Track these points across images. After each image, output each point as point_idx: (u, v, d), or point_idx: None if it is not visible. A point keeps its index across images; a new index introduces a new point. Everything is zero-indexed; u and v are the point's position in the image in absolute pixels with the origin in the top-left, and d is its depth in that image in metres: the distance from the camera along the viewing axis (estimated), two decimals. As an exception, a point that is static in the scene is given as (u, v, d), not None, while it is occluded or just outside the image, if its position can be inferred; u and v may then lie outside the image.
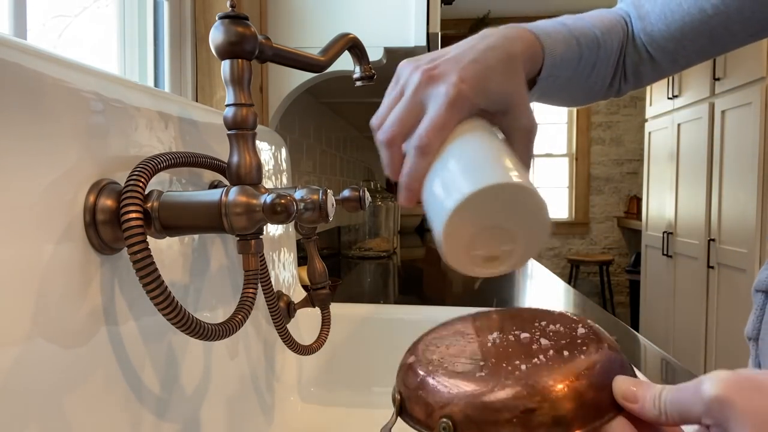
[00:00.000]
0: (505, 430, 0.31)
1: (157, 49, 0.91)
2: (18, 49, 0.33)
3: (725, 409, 0.27)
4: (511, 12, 4.60)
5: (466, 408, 0.32)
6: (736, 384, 0.28)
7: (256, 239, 0.43)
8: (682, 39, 0.60)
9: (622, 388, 0.32)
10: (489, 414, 0.31)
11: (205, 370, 0.55)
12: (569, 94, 0.62)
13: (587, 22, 0.61)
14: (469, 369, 0.34)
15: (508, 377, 0.32)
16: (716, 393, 0.28)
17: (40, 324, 0.32)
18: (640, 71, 0.64)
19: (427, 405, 0.34)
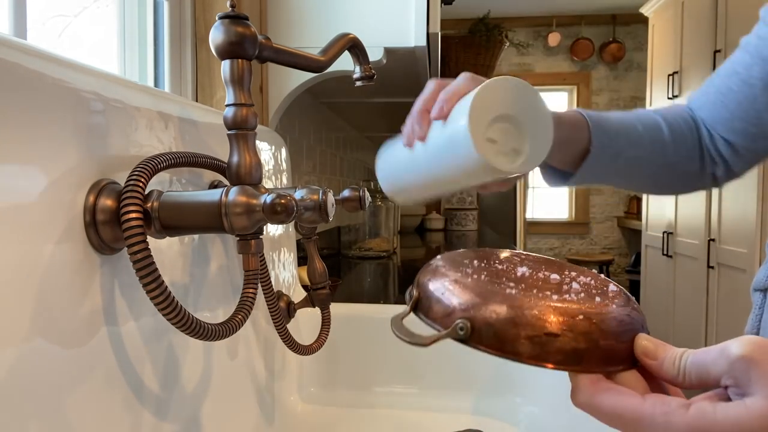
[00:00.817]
0: (521, 347, 0.31)
1: (157, 49, 0.91)
2: (18, 49, 0.33)
3: (750, 368, 0.28)
4: (511, 12, 4.60)
5: (490, 315, 0.31)
6: (762, 347, 0.28)
7: (256, 239, 0.43)
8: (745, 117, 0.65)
9: (644, 344, 0.32)
10: (512, 327, 0.31)
11: (205, 370, 0.55)
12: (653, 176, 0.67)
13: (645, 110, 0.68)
14: (498, 284, 0.34)
15: (539, 300, 0.32)
16: (743, 352, 0.28)
17: (40, 324, 0.32)
18: (723, 154, 0.68)
19: (446, 305, 0.33)
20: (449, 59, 3.29)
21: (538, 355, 0.31)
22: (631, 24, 4.68)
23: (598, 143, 0.60)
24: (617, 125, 0.63)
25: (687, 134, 0.67)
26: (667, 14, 3.33)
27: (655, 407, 0.29)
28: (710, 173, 0.68)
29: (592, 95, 4.87)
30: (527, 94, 0.46)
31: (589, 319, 0.31)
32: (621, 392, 0.31)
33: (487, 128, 0.44)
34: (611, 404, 0.31)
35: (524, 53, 4.85)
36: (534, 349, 0.31)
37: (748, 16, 2.46)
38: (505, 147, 0.45)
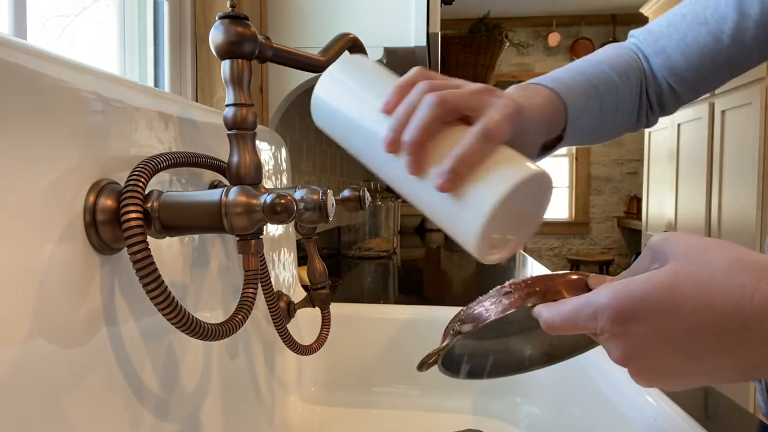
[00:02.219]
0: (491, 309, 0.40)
1: (157, 49, 0.91)
2: (18, 49, 0.33)
3: (665, 245, 0.33)
4: (511, 12, 4.60)
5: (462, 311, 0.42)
6: (674, 233, 0.34)
7: (256, 239, 0.43)
8: (702, 69, 0.62)
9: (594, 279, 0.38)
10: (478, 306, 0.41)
11: (205, 370, 0.55)
12: (596, 136, 0.65)
13: (603, 66, 0.63)
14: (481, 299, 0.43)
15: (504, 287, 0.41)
16: (659, 237, 0.34)
17: (40, 324, 0.32)
18: (664, 102, 0.66)
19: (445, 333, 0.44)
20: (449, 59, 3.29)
21: (504, 308, 0.40)
22: (631, 24, 4.68)
23: (570, 127, 0.58)
24: (585, 99, 0.59)
25: (633, 92, 0.64)
26: (667, 14, 3.32)
27: (588, 294, 0.35)
28: (644, 122, 0.67)
29: (592, 95, 4.86)
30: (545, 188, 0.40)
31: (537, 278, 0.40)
32: (562, 301, 0.37)
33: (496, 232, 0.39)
34: (561, 311, 0.36)
35: (524, 53, 4.85)
36: (499, 306, 0.40)
37: (748, 16, 2.45)
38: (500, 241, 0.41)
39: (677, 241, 0.33)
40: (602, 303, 0.33)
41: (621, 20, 4.71)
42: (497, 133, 0.39)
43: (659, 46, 0.64)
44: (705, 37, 0.61)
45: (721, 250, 0.31)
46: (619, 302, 0.32)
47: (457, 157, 0.37)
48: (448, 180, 0.37)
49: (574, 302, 0.35)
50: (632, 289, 0.32)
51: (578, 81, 0.60)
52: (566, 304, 0.36)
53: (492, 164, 0.38)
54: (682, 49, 0.63)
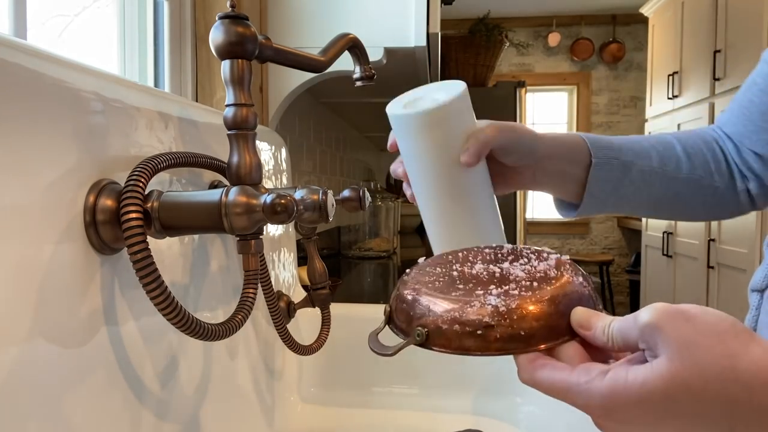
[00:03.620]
0: (467, 342, 0.36)
1: (157, 49, 0.91)
2: (18, 49, 0.33)
3: (655, 334, 0.32)
4: (511, 12, 4.60)
5: (437, 320, 0.37)
6: (666, 313, 0.32)
7: (256, 239, 0.43)
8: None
9: (579, 316, 0.36)
10: (456, 326, 0.36)
11: (205, 370, 0.55)
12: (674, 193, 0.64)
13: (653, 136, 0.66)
14: (447, 290, 0.39)
15: (478, 299, 0.37)
16: (649, 320, 0.32)
17: (40, 324, 0.32)
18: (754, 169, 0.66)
19: (408, 316, 0.39)
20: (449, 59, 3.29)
21: (481, 346, 0.36)
22: (631, 24, 4.68)
23: (601, 155, 0.60)
24: (620, 140, 0.63)
25: (703, 148, 0.66)
26: (667, 14, 3.33)
27: (579, 377, 0.34)
28: (744, 189, 0.66)
29: (592, 95, 4.87)
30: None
31: (523, 305, 0.36)
32: (554, 367, 0.35)
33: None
34: (546, 378, 0.35)
35: (524, 53, 4.85)
36: (477, 342, 0.36)
37: (748, 16, 2.45)
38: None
39: (670, 333, 0.32)
40: (595, 398, 0.33)
41: (621, 20, 4.71)
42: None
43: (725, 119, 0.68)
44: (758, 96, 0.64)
45: (713, 349, 0.31)
46: (613, 403, 0.32)
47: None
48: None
49: (564, 379, 0.34)
50: (628, 395, 0.32)
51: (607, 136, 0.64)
52: (553, 375, 0.35)
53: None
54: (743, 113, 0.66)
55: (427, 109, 0.51)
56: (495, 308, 0.36)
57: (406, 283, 0.41)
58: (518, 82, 3.37)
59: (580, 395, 0.33)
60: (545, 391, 0.35)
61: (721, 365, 0.31)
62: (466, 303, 0.37)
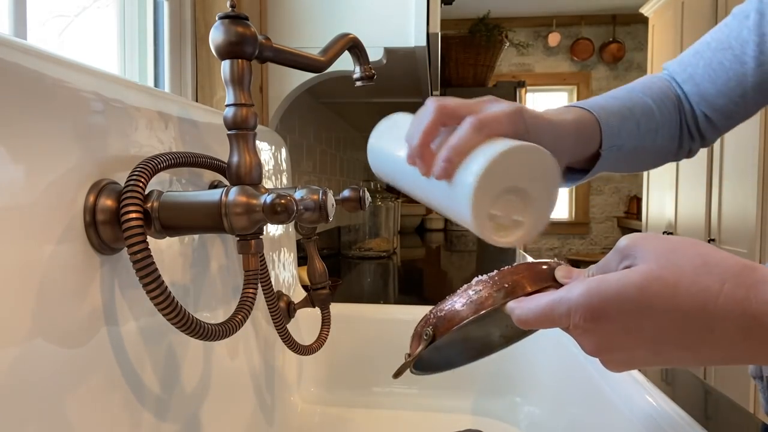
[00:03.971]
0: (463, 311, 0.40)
1: (157, 49, 0.91)
2: (18, 49, 0.33)
3: (634, 248, 0.34)
4: (511, 12, 4.60)
5: (437, 314, 0.42)
6: (642, 234, 0.35)
7: (256, 239, 0.43)
8: (730, 94, 0.63)
9: (560, 271, 0.40)
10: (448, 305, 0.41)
11: (205, 370, 0.55)
12: (639, 161, 0.66)
13: (637, 91, 0.65)
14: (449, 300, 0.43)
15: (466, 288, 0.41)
16: (627, 241, 0.35)
17: (40, 324, 0.32)
18: (702, 131, 0.67)
19: (417, 335, 0.44)
20: (449, 59, 3.29)
21: (476, 308, 0.39)
22: (631, 24, 4.68)
23: (607, 144, 0.60)
24: (620, 119, 0.62)
25: (673, 116, 0.66)
26: (667, 14, 3.33)
27: (560, 292, 0.36)
28: (687, 149, 0.68)
29: (592, 95, 4.86)
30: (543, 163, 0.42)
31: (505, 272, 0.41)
32: (535, 296, 0.38)
33: (492, 204, 0.42)
34: (532, 307, 0.37)
35: (524, 53, 4.85)
36: (470, 307, 0.39)
37: (748, 16, 2.45)
38: (506, 220, 0.43)
39: (647, 242, 0.34)
40: (576, 301, 0.34)
41: (621, 20, 4.71)
42: (488, 123, 0.43)
43: (687, 74, 0.66)
44: (730, 61, 0.62)
45: (688, 251, 0.33)
46: (592, 301, 0.34)
47: (449, 147, 0.42)
48: (442, 168, 0.42)
49: (547, 298, 0.36)
50: (605, 289, 0.33)
51: (611, 103, 0.62)
52: (539, 300, 0.37)
53: (481, 148, 0.42)
54: (709, 75, 0.64)
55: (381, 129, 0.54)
56: (479, 280, 0.41)
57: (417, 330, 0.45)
58: (518, 82, 3.37)
59: (561, 302, 0.35)
60: (535, 321, 0.37)
61: (693, 262, 0.32)
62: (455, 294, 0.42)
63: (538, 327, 0.38)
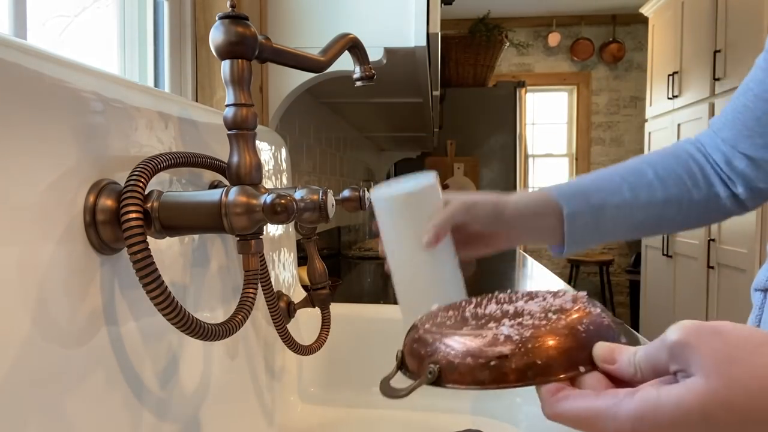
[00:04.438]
0: (481, 374, 0.34)
1: (157, 49, 0.91)
2: (18, 49, 0.33)
3: (686, 351, 0.30)
4: (511, 12, 4.60)
5: (448, 355, 0.35)
6: (695, 329, 0.30)
7: (256, 239, 0.43)
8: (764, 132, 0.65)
9: (600, 351, 0.34)
10: (469, 359, 0.34)
11: (205, 370, 0.55)
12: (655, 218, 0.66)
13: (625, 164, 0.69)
14: (458, 326, 0.37)
15: (490, 330, 0.35)
16: (677, 338, 0.30)
17: (40, 324, 0.32)
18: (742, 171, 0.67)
19: (419, 356, 0.37)
20: (449, 59, 3.29)
21: (497, 378, 0.33)
22: (631, 24, 4.68)
23: (572, 205, 0.62)
24: (590, 181, 0.65)
25: (675, 167, 0.68)
26: (667, 14, 3.33)
27: (606, 401, 0.31)
28: (729, 195, 0.67)
29: (592, 95, 4.87)
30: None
31: (537, 334, 0.34)
32: (578, 395, 0.32)
33: None
34: (570, 408, 0.32)
35: (524, 53, 4.85)
36: (492, 374, 0.33)
37: (748, 16, 2.45)
38: None
39: (703, 349, 0.29)
40: (623, 420, 0.30)
41: (621, 20, 4.71)
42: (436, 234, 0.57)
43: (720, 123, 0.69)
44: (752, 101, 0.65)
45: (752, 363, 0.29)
46: (644, 425, 0.29)
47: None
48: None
49: (590, 406, 0.31)
50: (661, 415, 0.29)
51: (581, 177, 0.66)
52: (579, 403, 0.32)
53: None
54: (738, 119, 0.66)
55: (395, 194, 0.57)
56: (508, 337, 0.34)
57: (416, 327, 0.40)
58: (518, 82, 3.37)
59: (608, 420, 0.31)
60: (572, 423, 0.32)
61: (764, 379, 0.28)
62: (478, 335, 0.35)
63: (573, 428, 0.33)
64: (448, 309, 0.42)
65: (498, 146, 3.37)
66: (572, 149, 4.99)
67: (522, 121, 3.39)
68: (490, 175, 3.39)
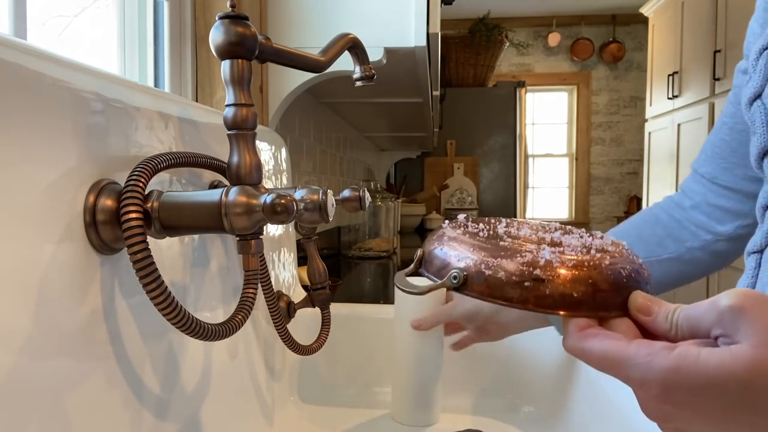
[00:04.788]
0: (511, 291, 0.32)
1: (157, 49, 0.91)
2: (18, 49, 0.33)
3: (737, 317, 0.28)
4: (511, 12, 4.60)
5: (480, 265, 0.33)
6: (752, 297, 0.29)
7: (256, 239, 0.43)
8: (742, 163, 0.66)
9: (638, 301, 0.33)
10: (500, 273, 0.32)
11: (205, 370, 0.55)
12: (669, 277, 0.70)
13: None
14: (493, 240, 0.35)
15: (530, 250, 0.33)
16: (733, 302, 0.29)
17: (40, 324, 0.32)
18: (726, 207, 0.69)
19: (444, 261, 0.35)
20: (449, 59, 3.29)
21: (527, 299, 0.32)
22: (631, 24, 4.68)
23: None
24: None
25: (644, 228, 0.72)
26: (667, 14, 3.33)
27: (639, 349, 0.30)
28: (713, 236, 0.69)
29: (592, 95, 4.87)
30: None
31: (579, 266, 0.32)
32: (607, 336, 0.31)
33: None
34: (598, 347, 0.31)
35: (524, 53, 4.85)
36: (522, 293, 0.32)
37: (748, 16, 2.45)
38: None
39: (756, 316, 0.28)
40: (655, 372, 0.29)
41: (621, 20, 4.71)
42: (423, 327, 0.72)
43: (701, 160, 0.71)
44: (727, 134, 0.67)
45: None
46: (677, 381, 0.28)
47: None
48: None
49: (623, 349, 0.30)
50: (698, 374, 0.28)
51: None
52: (610, 343, 0.31)
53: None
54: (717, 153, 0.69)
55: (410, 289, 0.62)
56: (549, 262, 0.32)
57: (444, 229, 0.38)
58: (518, 82, 3.37)
59: (638, 367, 0.29)
60: (595, 361, 0.31)
61: None
62: (517, 252, 0.33)
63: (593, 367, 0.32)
64: (478, 221, 0.40)
65: (498, 146, 3.37)
66: (572, 149, 4.99)
67: (522, 121, 3.39)
68: (490, 175, 3.39)
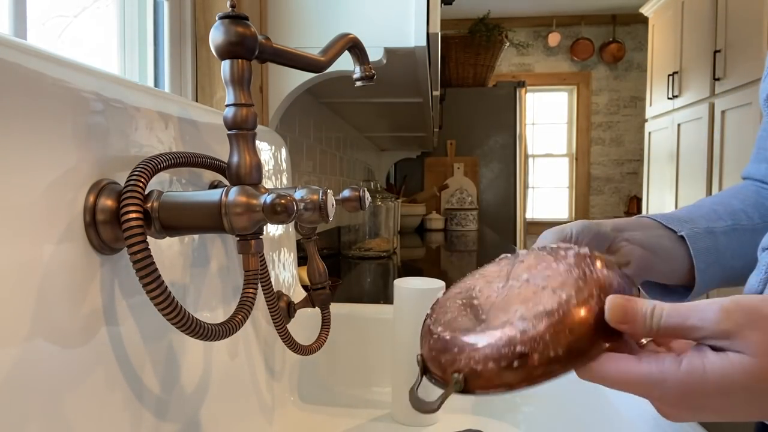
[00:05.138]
0: (507, 377, 0.32)
1: (157, 49, 0.91)
2: (18, 49, 0.33)
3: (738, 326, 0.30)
4: (511, 12, 4.60)
5: (469, 362, 0.34)
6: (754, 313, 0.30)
7: (256, 239, 0.43)
8: None
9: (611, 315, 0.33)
10: (489, 364, 0.33)
11: (205, 370, 0.55)
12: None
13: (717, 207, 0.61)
14: (470, 325, 0.36)
15: (504, 326, 0.33)
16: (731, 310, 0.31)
17: (40, 324, 0.32)
18: None
19: (440, 363, 0.36)
20: (449, 59, 3.30)
21: (524, 377, 0.32)
22: (631, 24, 4.68)
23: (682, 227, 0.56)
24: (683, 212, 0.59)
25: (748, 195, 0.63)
26: (667, 14, 3.33)
27: (650, 366, 0.32)
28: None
29: (592, 95, 4.87)
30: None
31: (552, 324, 0.32)
32: (618, 358, 0.33)
33: None
34: (612, 372, 0.32)
35: (524, 53, 4.86)
36: (517, 374, 0.32)
37: (748, 16, 2.45)
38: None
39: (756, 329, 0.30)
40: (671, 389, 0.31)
41: (621, 20, 4.71)
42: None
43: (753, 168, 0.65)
44: None
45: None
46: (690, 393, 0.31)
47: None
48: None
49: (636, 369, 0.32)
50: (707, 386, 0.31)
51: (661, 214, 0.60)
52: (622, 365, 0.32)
53: None
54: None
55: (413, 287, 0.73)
56: (523, 332, 0.32)
57: (430, 329, 0.39)
58: (518, 82, 3.38)
59: (655, 387, 0.32)
60: (613, 385, 0.33)
61: None
62: (492, 336, 0.33)
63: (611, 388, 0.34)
64: (455, 295, 0.41)
65: (498, 146, 3.38)
66: (572, 149, 4.99)
67: (522, 121, 3.39)
68: (490, 175, 3.39)
